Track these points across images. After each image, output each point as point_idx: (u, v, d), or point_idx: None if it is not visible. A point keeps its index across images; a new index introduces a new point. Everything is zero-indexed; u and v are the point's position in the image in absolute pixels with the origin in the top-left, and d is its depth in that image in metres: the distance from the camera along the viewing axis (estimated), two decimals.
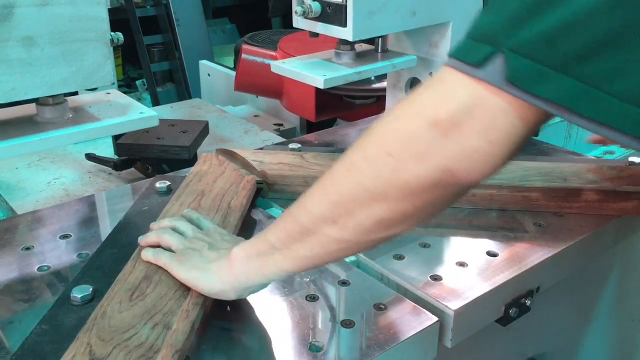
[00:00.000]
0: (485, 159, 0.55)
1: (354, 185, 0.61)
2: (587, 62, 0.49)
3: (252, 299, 0.82)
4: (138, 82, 4.26)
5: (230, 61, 3.55)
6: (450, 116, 0.54)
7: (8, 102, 0.81)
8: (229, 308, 0.80)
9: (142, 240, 0.85)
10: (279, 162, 1.11)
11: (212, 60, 3.10)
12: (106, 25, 0.85)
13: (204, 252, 0.78)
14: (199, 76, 2.29)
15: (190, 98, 4.02)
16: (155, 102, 3.98)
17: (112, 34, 0.89)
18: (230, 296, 0.75)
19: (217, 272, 0.74)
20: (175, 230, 0.85)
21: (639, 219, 1.08)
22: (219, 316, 0.78)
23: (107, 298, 0.73)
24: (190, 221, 0.89)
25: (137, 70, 4.38)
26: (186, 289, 0.75)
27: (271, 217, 1.04)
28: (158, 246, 0.83)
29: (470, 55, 0.54)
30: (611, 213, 1.02)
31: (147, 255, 0.81)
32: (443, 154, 0.55)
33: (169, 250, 0.81)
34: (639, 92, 0.49)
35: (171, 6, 4.14)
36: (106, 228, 1.00)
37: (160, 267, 0.79)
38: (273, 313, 0.80)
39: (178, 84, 4.25)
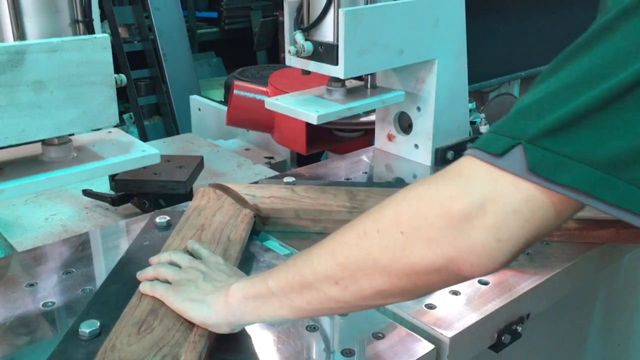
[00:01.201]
0: (491, 255, 0.58)
1: (362, 253, 0.64)
2: (602, 151, 0.53)
3: (253, 330, 0.84)
4: (125, 116, 4.29)
5: (216, 94, 3.60)
6: (463, 209, 0.57)
7: (18, 143, 0.84)
8: (232, 339, 0.82)
9: (140, 275, 0.89)
10: (270, 196, 1.15)
11: (198, 93, 3.15)
12: (111, 68, 0.89)
13: (199, 283, 0.81)
14: (185, 109, 2.32)
15: (178, 131, 4.07)
16: (143, 135, 4.01)
17: (116, 75, 0.92)
18: (224, 329, 0.78)
19: (212, 305, 0.77)
20: (172, 263, 0.89)
21: (620, 247, 1.12)
22: (223, 347, 0.81)
23: (115, 332, 0.76)
24: (192, 250, 0.92)
25: (124, 104, 4.42)
26: (191, 321, 0.78)
27: (268, 250, 1.07)
28: (156, 279, 0.86)
29: (491, 146, 0.57)
30: (591, 240, 1.07)
31: (145, 288, 0.85)
32: (451, 244, 0.58)
33: (166, 282, 0.84)
34: None
35: (158, 41, 4.21)
36: (108, 263, 1.02)
37: None
38: (275, 343, 0.83)
39: (165, 117, 4.29)
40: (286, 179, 1.27)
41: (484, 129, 1.50)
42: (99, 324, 0.80)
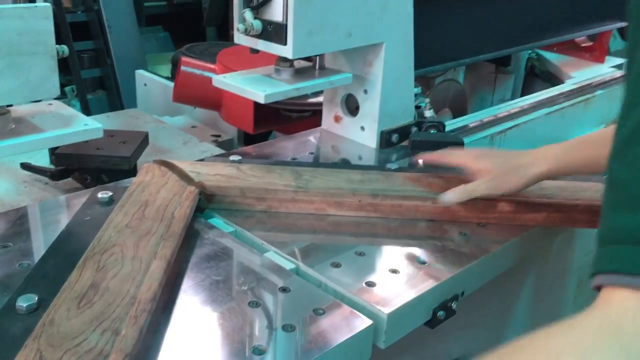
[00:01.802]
0: None
1: None
2: None
3: (197, 306, 0.85)
4: (67, 89, 4.15)
5: (163, 69, 3.52)
6: None
7: None
8: (175, 315, 0.83)
9: None
10: (215, 173, 1.15)
11: (145, 68, 3.07)
12: (52, 38, 0.87)
13: None
14: (131, 84, 2.27)
15: (122, 106, 3.97)
16: (85, 109, 3.89)
17: (57, 46, 0.90)
18: None
19: None
20: None
21: (551, 230, 1.18)
22: (166, 323, 0.81)
23: (54, 306, 0.75)
24: None
25: (66, 77, 4.27)
26: (133, 296, 0.78)
27: (212, 227, 1.07)
28: None
29: (635, 265, 0.42)
30: (524, 223, 1.12)
31: None
32: None
33: None
34: None
35: (103, 12, 4.08)
36: (46, 238, 1.00)
37: (106, 275, 0.81)
38: (217, 319, 0.83)
39: (109, 91, 4.18)
40: (232, 157, 1.27)
41: (428, 113, 1.54)
42: (36, 298, 0.79)
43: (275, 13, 1.19)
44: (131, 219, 0.97)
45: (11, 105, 1.03)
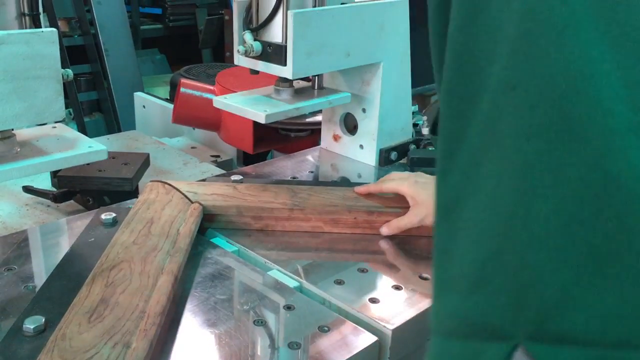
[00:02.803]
0: None
1: None
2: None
3: (202, 325, 0.86)
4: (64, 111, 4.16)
5: (160, 91, 3.55)
6: None
7: None
8: (181, 333, 0.83)
9: None
10: (212, 193, 1.16)
11: (141, 90, 3.10)
12: (58, 62, 0.88)
13: None
14: (128, 106, 2.29)
15: (120, 128, 3.99)
16: (82, 132, 3.89)
17: (63, 70, 0.92)
18: None
19: None
20: None
21: None
22: (172, 341, 0.81)
23: (65, 321, 0.76)
24: None
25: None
26: (142, 310, 0.79)
27: (215, 246, 1.08)
28: None
29: None
30: None
31: None
32: None
33: None
34: None
35: (99, 36, 4.11)
36: (50, 260, 1.00)
37: (116, 290, 0.82)
38: (223, 337, 0.84)
39: (106, 113, 4.20)
40: (234, 177, 1.28)
41: (425, 130, 1.56)
42: (44, 319, 0.80)
43: (274, 35, 1.21)
44: (137, 235, 0.98)
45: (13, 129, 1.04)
